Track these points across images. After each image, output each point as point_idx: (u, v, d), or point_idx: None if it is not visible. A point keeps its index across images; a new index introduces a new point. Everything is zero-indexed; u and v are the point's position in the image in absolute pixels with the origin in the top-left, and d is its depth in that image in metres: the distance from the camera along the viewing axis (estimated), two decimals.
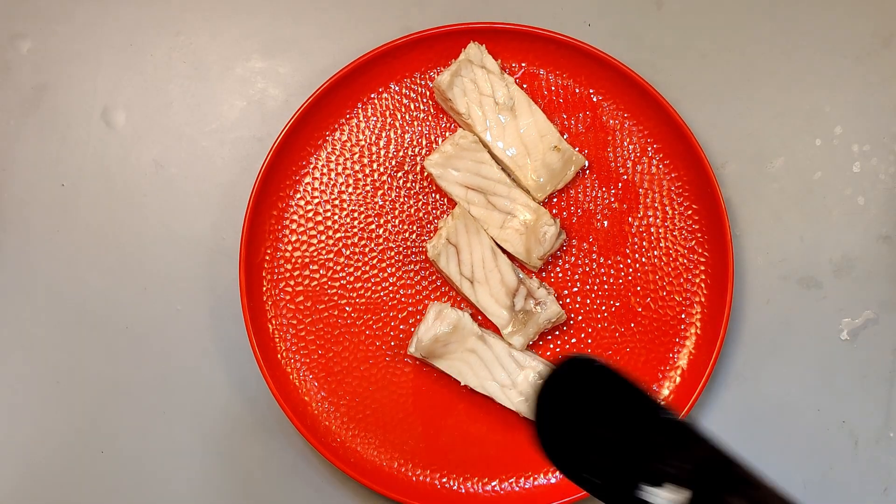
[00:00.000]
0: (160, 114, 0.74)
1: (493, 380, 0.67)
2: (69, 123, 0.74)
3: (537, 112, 0.69)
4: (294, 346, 0.69)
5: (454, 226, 0.68)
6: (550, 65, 0.71)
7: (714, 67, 0.73)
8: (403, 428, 0.69)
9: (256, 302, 0.69)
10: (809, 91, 0.73)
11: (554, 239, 0.68)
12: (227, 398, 0.71)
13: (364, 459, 0.69)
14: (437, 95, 0.70)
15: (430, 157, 0.69)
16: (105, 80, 0.74)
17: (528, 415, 0.67)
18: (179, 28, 0.75)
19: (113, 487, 0.71)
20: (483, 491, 0.69)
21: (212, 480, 0.71)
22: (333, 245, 0.70)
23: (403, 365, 0.70)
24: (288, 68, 0.74)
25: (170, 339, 0.72)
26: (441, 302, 0.69)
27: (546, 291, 0.68)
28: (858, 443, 0.71)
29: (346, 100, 0.70)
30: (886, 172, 0.72)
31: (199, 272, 0.72)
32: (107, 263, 0.72)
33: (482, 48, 0.69)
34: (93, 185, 0.73)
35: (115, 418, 0.72)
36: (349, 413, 0.69)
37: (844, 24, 0.74)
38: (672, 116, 0.68)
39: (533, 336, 0.68)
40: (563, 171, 0.69)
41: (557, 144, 0.69)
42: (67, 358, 0.72)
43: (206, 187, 0.73)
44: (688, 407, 0.67)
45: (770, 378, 0.71)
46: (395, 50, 0.69)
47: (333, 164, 0.70)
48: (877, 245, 0.72)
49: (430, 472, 0.69)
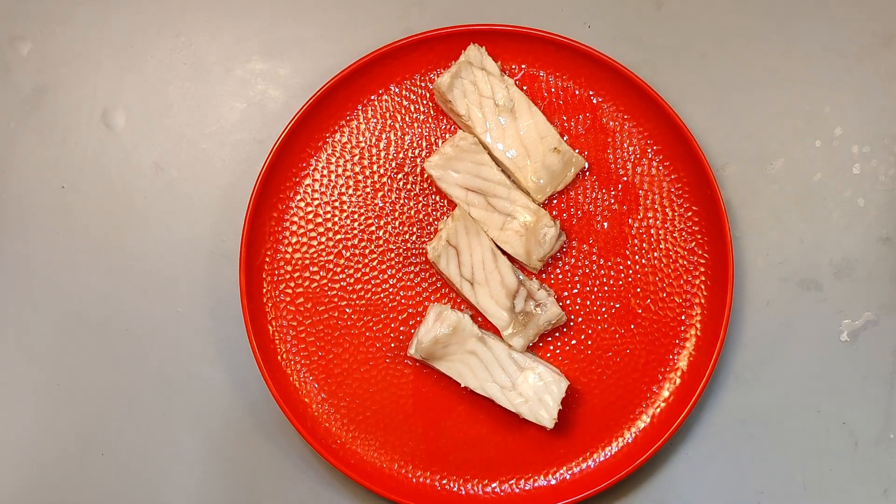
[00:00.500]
0: (160, 115, 0.74)
1: (493, 381, 0.67)
2: (69, 125, 0.74)
3: (537, 114, 0.69)
4: (294, 348, 0.69)
5: (454, 227, 0.68)
6: (550, 66, 0.71)
7: (714, 69, 0.73)
8: (404, 429, 0.69)
9: (256, 304, 0.69)
10: (809, 92, 0.73)
11: (554, 240, 0.68)
12: (228, 400, 0.71)
13: (364, 461, 0.69)
14: (438, 97, 0.70)
15: (430, 158, 0.69)
16: (105, 82, 0.74)
17: (528, 416, 0.67)
18: (179, 29, 0.74)
19: (113, 490, 0.71)
20: (483, 492, 0.69)
21: (212, 482, 0.71)
22: (333, 247, 0.70)
23: (403, 367, 0.70)
24: (288, 70, 0.74)
25: (170, 342, 0.72)
26: (441, 303, 0.69)
27: (546, 293, 0.68)
28: (858, 444, 0.71)
29: (346, 101, 0.70)
30: (886, 174, 0.72)
31: (199, 274, 0.72)
32: (107, 265, 0.72)
33: (482, 50, 0.69)
34: (93, 186, 0.73)
35: (115, 420, 0.72)
36: (349, 415, 0.69)
37: (844, 25, 0.74)
38: (672, 118, 0.68)
39: (533, 338, 0.68)
40: (564, 172, 0.69)
41: (557, 146, 0.69)
42: (68, 360, 0.72)
43: (206, 189, 0.73)
44: (688, 408, 0.67)
45: (770, 379, 0.71)
46: (395, 52, 0.69)
47: (333, 165, 0.70)
48: (877, 247, 0.72)
49: (430, 473, 0.69)
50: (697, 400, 0.67)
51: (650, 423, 0.69)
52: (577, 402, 0.69)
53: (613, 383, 0.69)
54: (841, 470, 0.70)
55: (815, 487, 0.70)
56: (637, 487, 0.70)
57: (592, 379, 0.69)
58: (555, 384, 0.67)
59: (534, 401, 0.67)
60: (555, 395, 0.67)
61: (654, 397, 0.69)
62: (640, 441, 0.68)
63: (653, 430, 0.68)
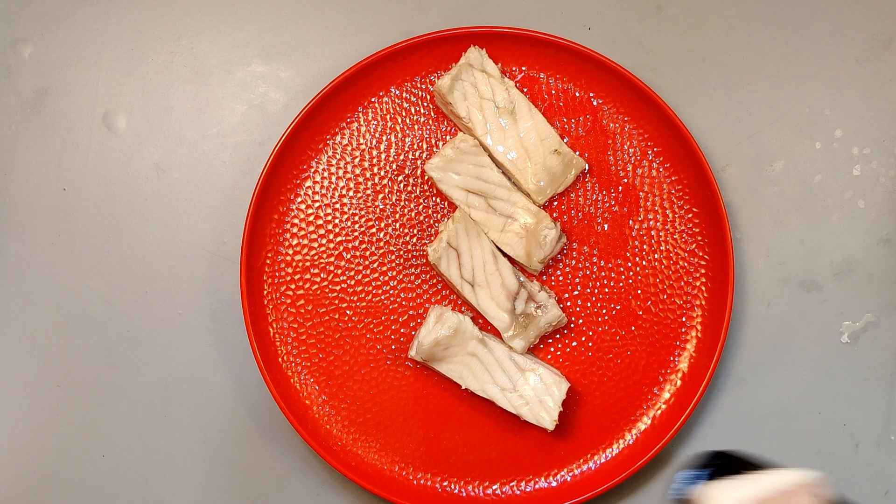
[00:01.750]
0: (161, 118, 0.74)
1: (493, 383, 0.67)
2: (70, 128, 0.74)
3: (537, 116, 0.69)
4: (295, 350, 0.70)
5: (455, 229, 0.68)
6: (551, 68, 0.71)
7: (714, 71, 0.73)
8: (404, 431, 0.69)
9: (257, 305, 0.69)
10: (809, 94, 0.73)
11: (555, 242, 0.68)
12: (229, 402, 0.71)
13: (365, 463, 0.69)
14: (438, 99, 0.70)
15: (431, 160, 0.69)
16: (106, 85, 0.74)
17: (529, 418, 0.67)
18: (180, 32, 0.75)
19: (113, 492, 0.71)
20: (484, 494, 0.69)
21: (212, 484, 0.71)
22: (334, 249, 0.70)
23: (404, 368, 0.70)
24: (289, 72, 0.74)
25: (170, 344, 0.72)
26: (441, 305, 0.69)
27: (547, 295, 0.68)
28: (859, 446, 0.71)
29: (346, 104, 0.70)
30: (887, 175, 0.72)
31: (199, 276, 0.72)
32: (108, 267, 0.72)
33: (482, 52, 0.69)
34: (94, 189, 0.73)
35: (115, 422, 0.72)
36: (350, 416, 0.69)
37: (844, 27, 0.74)
38: (672, 120, 0.69)
39: (534, 339, 0.68)
40: (564, 174, 0.69)
41: (558, 148, 0.69)
42: (68, 362, 0.72)
43: (207, 191, 0.73)
44: (688, 410, 0.67)
45: (771, 381, 0.71)
46: (395, 54, 0.70)
47: (334, 167, 0.71)
48: (877, 248, 0.72)
49: (431, 475, 0.69)
50: (698, 402, 0.67)
51: (651, 425, 0.69)
52: (578, 403, 0.69)
53: (614, 385, 0.69)
54: (842, 472, 0.70)
55: None
56: (638, 489, 0.70)
57: (593, 381, 0.69)
58: (555, 386, 0.67)
59: (534, 402, 0.67)
60: (555, 396, 0.67)
61: (654, 399, 0.69)
62: (640, 443, 0.68)
63: (653, 432, 0.68)
